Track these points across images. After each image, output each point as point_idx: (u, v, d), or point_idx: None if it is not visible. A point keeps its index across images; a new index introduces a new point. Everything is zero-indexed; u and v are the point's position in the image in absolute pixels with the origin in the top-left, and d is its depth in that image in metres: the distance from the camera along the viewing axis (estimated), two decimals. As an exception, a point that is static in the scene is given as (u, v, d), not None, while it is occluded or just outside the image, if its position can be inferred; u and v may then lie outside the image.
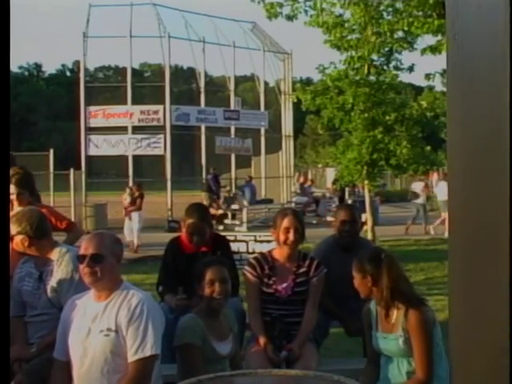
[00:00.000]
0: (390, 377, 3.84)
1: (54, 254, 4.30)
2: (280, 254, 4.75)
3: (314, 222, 23.16)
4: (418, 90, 35.47)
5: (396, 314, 3.80)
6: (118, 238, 3.82)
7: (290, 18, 13.04)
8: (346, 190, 26.21)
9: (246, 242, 12.68)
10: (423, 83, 18.64)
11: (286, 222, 4.63)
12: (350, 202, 23.66)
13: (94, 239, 3.63)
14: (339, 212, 5.53)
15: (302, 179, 29.52)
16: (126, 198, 17.18)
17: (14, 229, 4.28)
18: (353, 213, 5.47)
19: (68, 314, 3.67)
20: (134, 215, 16.41)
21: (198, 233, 5.08)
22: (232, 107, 26.06)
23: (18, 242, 4.28)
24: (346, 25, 13.71)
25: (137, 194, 16.83)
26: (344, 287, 5.20)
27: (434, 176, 37.63)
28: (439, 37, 12.34)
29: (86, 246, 3.59)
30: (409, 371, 3.78)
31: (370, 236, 13.95)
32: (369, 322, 3.99)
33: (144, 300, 3.51)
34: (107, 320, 3.48)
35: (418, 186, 20.12)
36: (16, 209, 4.73)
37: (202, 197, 22.21)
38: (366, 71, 13.86)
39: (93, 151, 23.43)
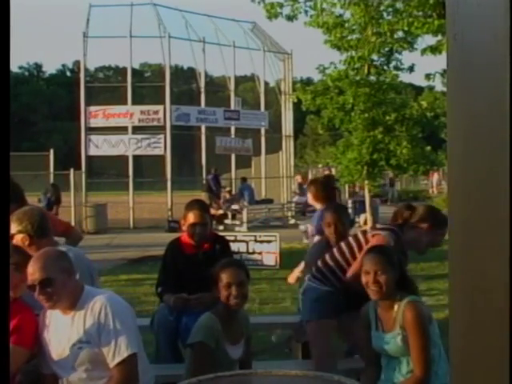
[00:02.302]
0: (391, 377, 3.84)
1: (54, 255, 4.29)
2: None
3: (314, 222, 23.13)
4: (419, 90, 35.48)
5: (395, 312, 3.80)
6: (61, 251, 3.72)
7: (290, 18, 13.03)
8: (346, 190, 26.23)
9: (246, 242, 12.73)
10: (423, 83, 18.63)
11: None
12: (350, 202, 23.68)
13: (38, 263, 3.47)
14: (324, 215, 5.42)
15: (300, 179, 29.53)
16: (41, 201, 15.36)
17: (14, 227, 4.26)
18: (338, 214, 5.39)
19: (42, 328, 3.64)
20: None
21: (200, 224, 5.04)
22: (232, 107, 26.06)
23: (18, 240, 4.27)
24: (346, 25, 13.71)
25: (53, 198, 15.24)
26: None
27: (435, 176, 37.80)
28: (439, 37, 12.35)
29: (31, 273, 3.44)
30: (409, 371, 3.78)
31: (370, 236, 13.94)
32: (367, 322, 3.99)
33: (106, 303, 3.44)
34: (77, 333, 3.44)
35: None
36: None
37: (202, 197, 22.21)
38: (366, 71, 13.85)
39: (93, 151, 23.42)
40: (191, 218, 5.02)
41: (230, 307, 3.93)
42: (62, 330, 3.50)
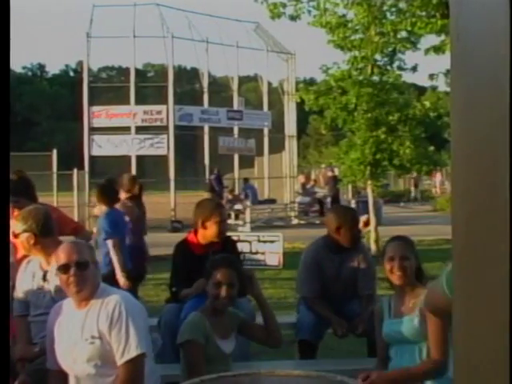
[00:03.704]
0: (398, 365, 3.82)
1: (58, 254, 4.29)
2: None
3: (317, 222, 23.16)
4: (422, 90, 35.42)
5: (415, 297, 3.84)
6: (90, 244, 3.79)
7: (293, 18, 13.05)
8: (350, 190, 26.24)
9: (249, 242, 12.74)
10: (426, 83, 18.69)
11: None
12: (353, 202, 23.68)
13: (75, 247, 3.59)
14: (342, 215, 5.22)
15: (302, 179, 29.53)
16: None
17: (19, 227, 4.28)
18: (355, 216, 5.43)
19: (52, 323, 3.66)
20: None
21: (224, 221, 5.21)
22: (235, 107, 26.05)
23: (23, 240, 4.28)
24: (350, 25, 13.72)
25: None
26: (337, 288, 5.20)
27: (437, 176, 37.76)
28: (442, 37, 12.36)
29: (67, 255, 3.53)
30: (419, 360, 3.78)
31: (373, 236, 13.96)
32: (381, 317, 4.01)
33: (120, 301, 3.49)
34: (89, 328, 3.47)
35: None
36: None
37: (205, 197, 22.19)
38: (369, 71, 13.86)
39: (96, 151, 23.44)
40: (217, 216, 5.08)
41: (217, 306, 3.98)
42: (74, 325, 3.53)
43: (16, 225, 4.29)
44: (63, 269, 3.52)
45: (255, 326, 4.29)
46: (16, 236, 4.27)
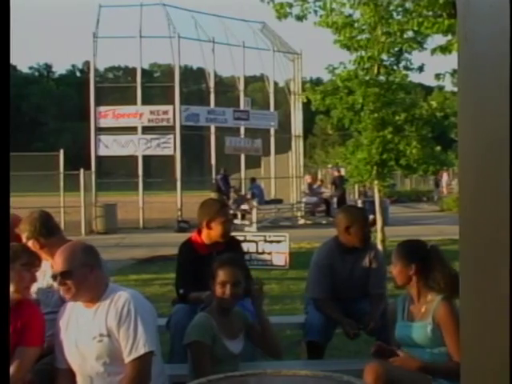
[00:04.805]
0: None
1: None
2: None
3: (324, 222, 23.16)
4: (428, 90, 35.34)
5: (428, 303, 3.84)
6: (88, 246, 3.74)
7: (299, 18, 13.01)
8: (357, 190, 26.21)
9: (256, 242, 12.73)
10: (433, 83, 18.61)
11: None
12: (360, 202, 23.67)
13: (61, 256, 3.60)
14: (351, 215, 5.25)
15: (309, 179, 29.51)
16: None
17: (24, 237, 4.29)
18: (365, 215, 5.42)
19: (61, 322, 3.68)
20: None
21: (230, 221, 5.24)
22: (241, 107, 26.05)
23: (31, 248, 4.27)
24: (356, 25, 13.68)
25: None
26: (349, 289, 5.20)
27: (444, 176, 37.71)
28: (449, 37, 12.31)
29: (56, 264, 3.57)
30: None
31: (379, 236, 13.92)
32: (394, 317, 4.02)
33: (130, 299, 3.51)
34: (98, 326, 3.50)
35: None
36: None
37: (211, 197, 22.19)
38: (375, 71, 13.82)
39: (103, 151, 23.48)
40: (223, 216, 5.09)
41: (223, 305, 4.00)
42: (83, 324, 3.56)
43: (21, 236, 4.32)
44: (53, 277, 3.59)
45: (259, 333, 4.29)
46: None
